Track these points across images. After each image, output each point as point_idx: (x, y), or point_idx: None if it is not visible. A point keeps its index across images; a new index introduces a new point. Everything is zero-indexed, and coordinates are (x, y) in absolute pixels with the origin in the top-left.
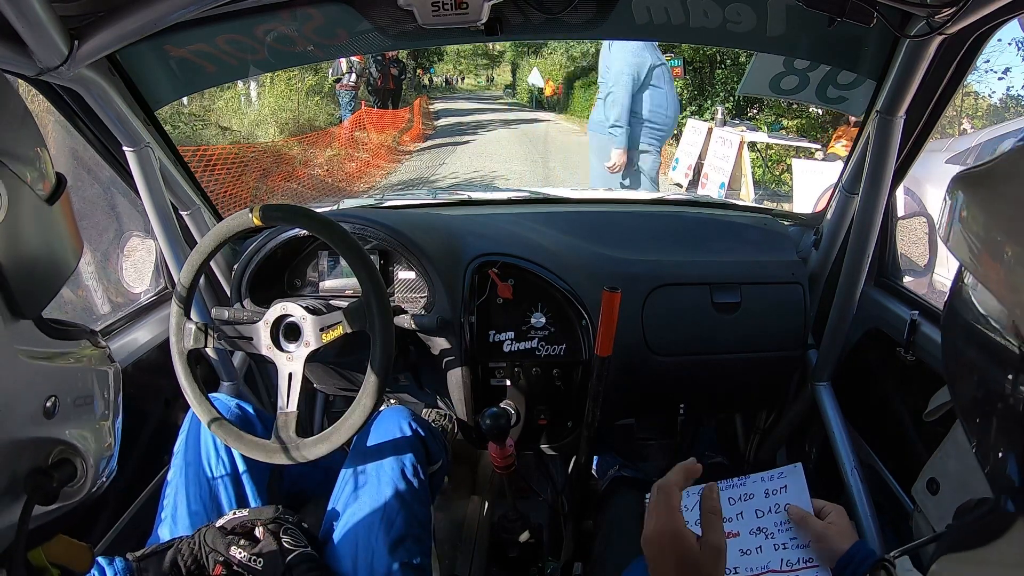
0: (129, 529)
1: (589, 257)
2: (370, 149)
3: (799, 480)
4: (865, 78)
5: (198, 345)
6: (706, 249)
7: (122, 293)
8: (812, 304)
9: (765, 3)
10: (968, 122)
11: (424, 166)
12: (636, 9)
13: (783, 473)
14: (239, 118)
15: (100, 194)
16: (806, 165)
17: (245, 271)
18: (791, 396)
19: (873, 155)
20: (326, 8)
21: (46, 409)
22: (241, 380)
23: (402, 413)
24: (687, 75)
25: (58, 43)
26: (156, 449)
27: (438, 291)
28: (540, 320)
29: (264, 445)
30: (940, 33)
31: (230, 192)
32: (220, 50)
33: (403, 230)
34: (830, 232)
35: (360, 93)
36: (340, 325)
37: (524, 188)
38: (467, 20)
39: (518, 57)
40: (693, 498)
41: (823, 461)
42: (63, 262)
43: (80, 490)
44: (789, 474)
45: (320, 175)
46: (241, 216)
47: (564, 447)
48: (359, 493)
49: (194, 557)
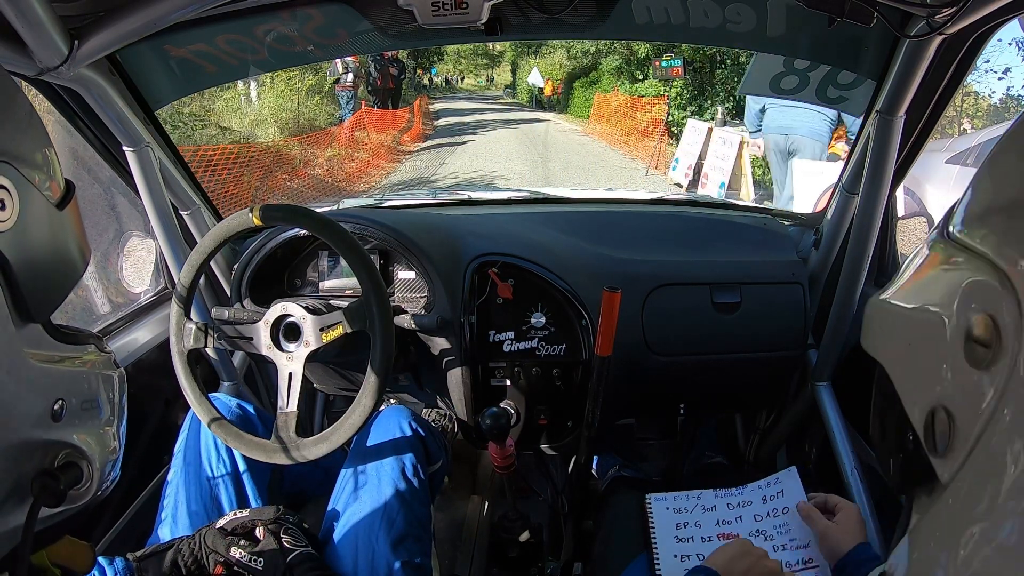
0: (129, 529)
1: (589, 257)
2: (370, 149)
3: (795, 483)
4: (865, 78)
5: (198, 345)
6: (706, 249)
7: (122, 293)
8: (812, 304)
9: (765, 3)
10: (968, 122)
11: (424, 166)
12: (636, 9)
13: (778, 479)
14: (239, 118)
15: (100, 194)
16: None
17: (245, 271)
18: (791, 396)
19: (873, 155)
20: (326, 8)
21: (54, 412)
22: (241, 380)
23: (402, 413)
24: (687, 75)
25: (58, 43)
26: (156, 449)
27: (438, 291)
28: (540, 320)
29: (264, 445)
30: (940, 33)
31: (230, 192)
32: (220, 50)
33: (403, 230)
34: (830, 232)
35: (360, 93)
36: (340, 325)
37: (524, 188)
38: (467, 20)
39: (518, 57)
40: (693, 501)
41: (823, 461)
42: (72, 266)
43: (86, 493)
44: (784, 478)
45: (320, 175)
46: (241, 216)
47: (564, 447)
48: (359, 493)
49: (194, 557)
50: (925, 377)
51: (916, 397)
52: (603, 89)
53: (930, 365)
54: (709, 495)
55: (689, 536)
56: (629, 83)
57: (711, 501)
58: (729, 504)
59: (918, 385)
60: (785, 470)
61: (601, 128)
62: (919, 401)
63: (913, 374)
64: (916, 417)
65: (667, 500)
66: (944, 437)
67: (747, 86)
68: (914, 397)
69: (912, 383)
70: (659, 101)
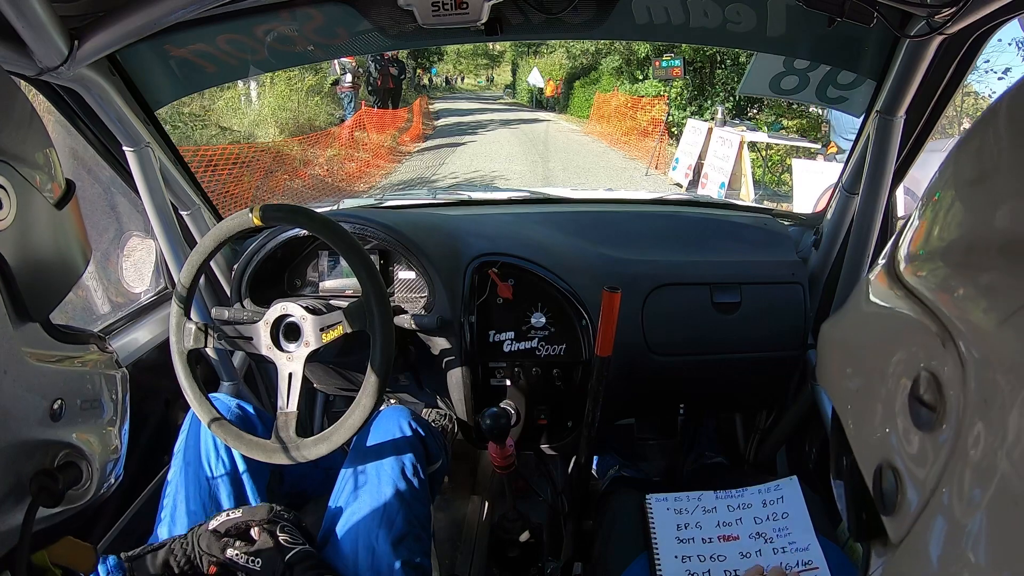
0: (129, 529)
1: (589, 257)
2: (370, 149)
3: (795, 492)
4: (865, 78)
5: (198, 345)
6: (706, 249)
7: (122, 293)
8: (812, 304)
9: (765, 3)
10: (968, 122)
11: (424, 166)
12: (636, 9)
13: (779, 485)
14: (239, 118)
15: (100, 194)
16: (806, 165)
17: (245, 271)
18: (791, 396)
19: (873, 155)
20: (326, 8)
21: (52, 412)
22: (241, 380)
23: (402, 413)
24: (687, 75)
25: (58, 43)
26: (156, 449)
27: (438, 291)
28: (540, 320)
29: (264, 445)
30: (940, 33)
31: (230, 192)
32: (220, 50)
33: (403, 230)
34: (830, 232)
35: (360, 93)
36: (340, 325)
37: (524, 188)
38: (467, 20)
39: (518, 57)
40: (693, 502)
41: (823, 461)
42: (71, 266)
43: (85, 493)
44: (785, 486)
45: (320, 175)
46: (241, 216)
47: (564, 447)
48: (359, 493)
49: (187, 558)
50: (873, 429)
51: (865, 450)
52: (603, 89)
53: (877, 417)
54: (709, 496)
55: (690, 537)
56: (629, 83)
57: (711, 503)
58: (729, 506)
59: (867, 437)
60: (787, 478)
61: (601, 128)
62: (867, 455)
63: (862, 423)
64: (865, 469)
65: (667, 501)
66: (892, 496)
67: (747, 86)
68: (863, 449)
69: (861, 433)
70: (659, 101)
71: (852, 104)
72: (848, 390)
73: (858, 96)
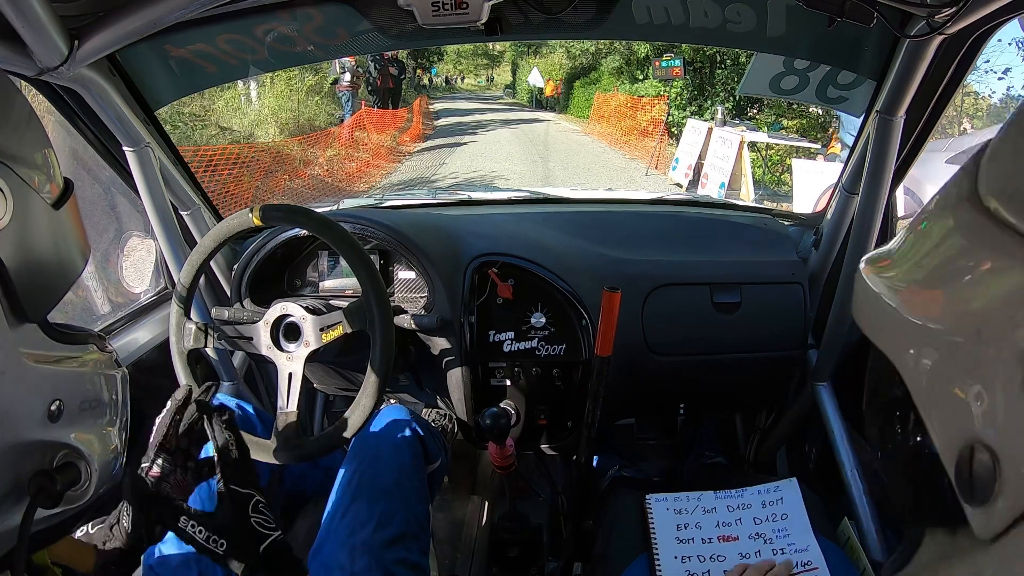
0: None
1: (589, 257)
2: (370, 149)
3: (795, 493)
4: (865, 78)
5: (198, 345)
6: (706, 249)
7: (122, 293)
8: (812, 304)
9: (765, 3)
10: (968, 122)
11: (424, 166)
12: (636, 9)
13: (779, 486)
14: (239, 118)
15: (100, 194)
16: (806, 165)
17: (245, 271)
18: (791, 396)
19: (873, 155)
20: (326, 8)
21: (50, 413)
22: (241, 380)
23: (401, 412)
24: (687, 75)
25: (58, 43)
26: None
27: (438, 291)
28: (540, 320)
29: (264, 445)
30: (940, 33)
31: (230, 192)
32: (220, 50)
33: (403, 230)
34: (830, 232)
35: (360, 93)
36: (340, 325)
37: (524, 188)
38: (467, 20)
39: (518, 57)
40: (693, 502)
41: (823, 461)
42: (69, 266)
43: (84, 494)
44: (785, 487)
45: (320, 175)
46: (241, 216)
47: (564, 447)
48: (358, 492)
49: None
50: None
51: (945, 425)
52: (603, 89)
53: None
54: (709, 497)
55: (690, 537)
56: (629, 83)
57: (711, 503)
58: (729, 506)
59: (948, 409)
60: (786, 480)
61: (601, 128)
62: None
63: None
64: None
65: (667, 501)
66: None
67: (747, 86)
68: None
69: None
70: (659, 101)
71: (852, 104)
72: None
73: (858, 96)
